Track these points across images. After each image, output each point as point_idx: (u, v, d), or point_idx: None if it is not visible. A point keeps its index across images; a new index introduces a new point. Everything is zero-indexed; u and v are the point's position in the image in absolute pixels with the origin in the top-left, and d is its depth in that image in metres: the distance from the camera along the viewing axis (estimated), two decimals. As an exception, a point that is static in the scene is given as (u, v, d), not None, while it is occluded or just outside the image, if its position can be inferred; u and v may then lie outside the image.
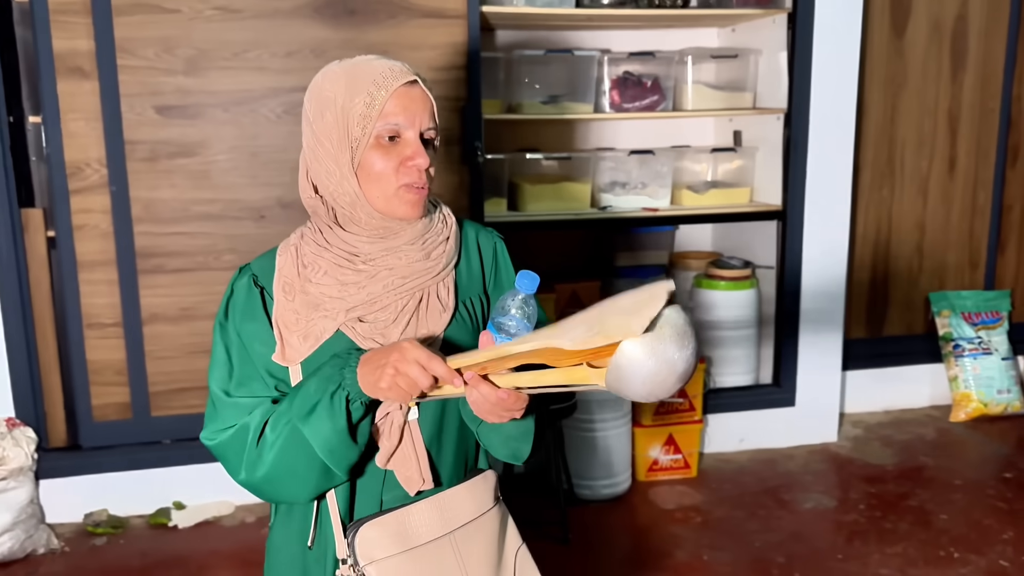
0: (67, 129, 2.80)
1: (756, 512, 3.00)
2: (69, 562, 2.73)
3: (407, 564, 1.15)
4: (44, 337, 2.94)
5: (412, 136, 1.15)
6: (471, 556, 1.20)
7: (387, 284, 1.17)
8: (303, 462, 1.11)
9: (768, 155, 3.50)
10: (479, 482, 1.25)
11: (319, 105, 1.16)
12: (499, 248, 1.32)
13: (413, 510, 1.18)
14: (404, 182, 1.15)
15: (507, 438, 1.18)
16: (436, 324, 1.19)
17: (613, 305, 0.95)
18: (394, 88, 1.14)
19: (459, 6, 2.95)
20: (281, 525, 1.26)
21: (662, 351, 0.91)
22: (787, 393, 3.53)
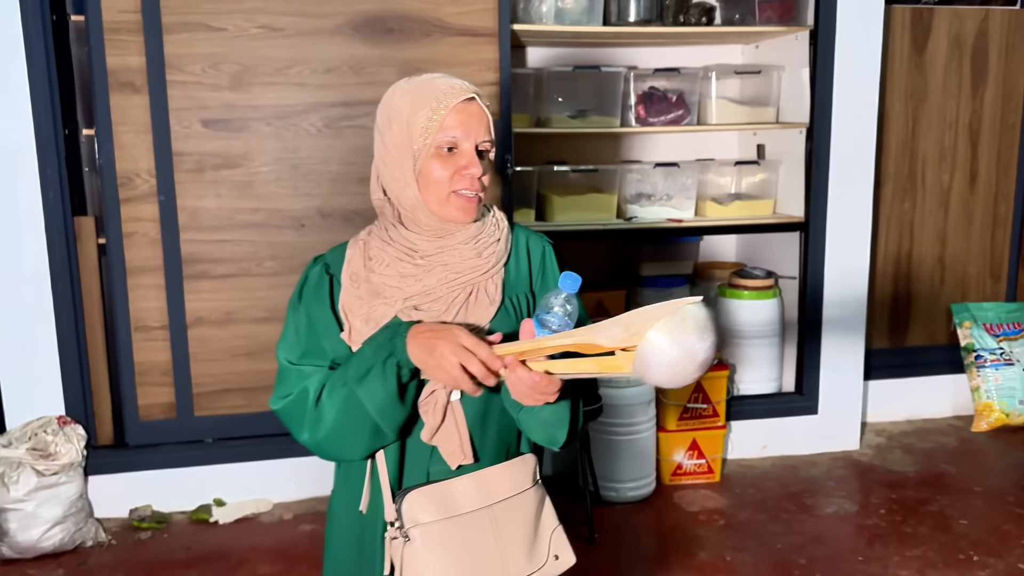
0: (119, 141, 2.94)
1: (778, 516, 3.07)
2: (116, 555, 2.85)
3: (448, 530, 1.26)
4: (94, 339, 3.08)
5: (468, 147, 1.27)
6: (507, 529, 1.30)
7: (441, 278, 1.29)
8: (357, 422, 1.23)
9: (791, 168, 3.59)
10: (518, 463, 1.35)
11: (388, 117, 1.29)
12: (547, 252, 1.43)
13: (455, 483, 1.29)
14: (457, 188, 1.27)
15: (543, 423, 1.28)
16: (483, 316, 1.30)
17: (647, 311, 1.05)
18: (453, 104, 1.26)
19: (491, 24, 3.08)
20: (339, 495, 1.39)
21: (684, 340, 1.00)
22: (809, 401, 3.60)
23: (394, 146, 1.28)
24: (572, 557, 1.37)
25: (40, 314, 2.98)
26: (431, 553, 1.25)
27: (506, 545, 1.30)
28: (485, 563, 1.28)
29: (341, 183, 3.08)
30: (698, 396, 3.30)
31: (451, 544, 1.26)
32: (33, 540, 2.76)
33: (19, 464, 2.77)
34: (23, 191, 2.92)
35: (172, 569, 2.75)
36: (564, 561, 1.36)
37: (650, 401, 3.18)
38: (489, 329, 1.29)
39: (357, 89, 3.04)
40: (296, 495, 3.20)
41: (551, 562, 1.34)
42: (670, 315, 1.02)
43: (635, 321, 1.05)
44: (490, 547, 1.28)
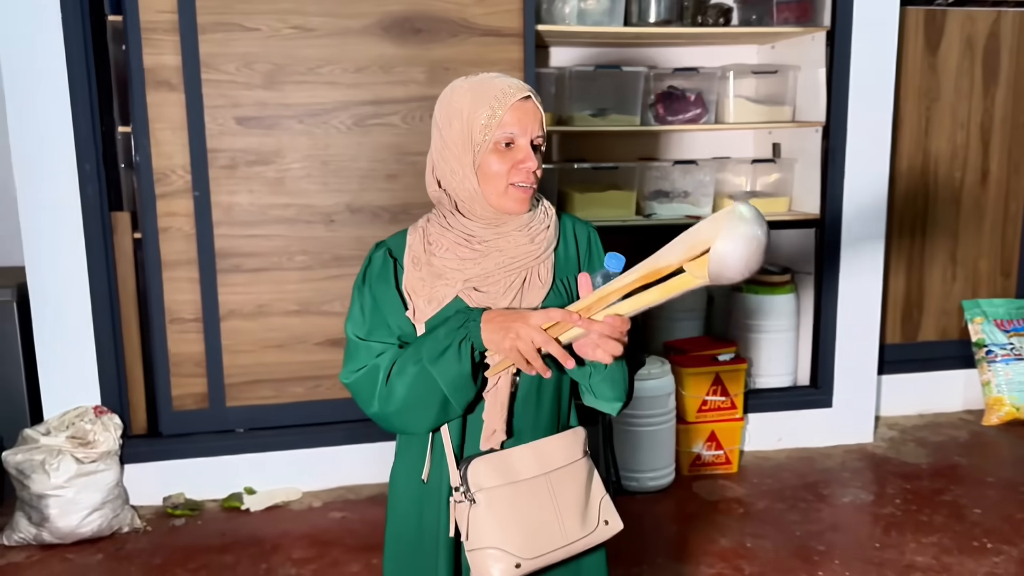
0: (155, 138, 3.02)
1: (796, 505, 3.14)
2: (152, 540, 2.93)
3: (509, 494, 1.35)
4: (129, 331, 3.16)
5: (524, 143, 1.36)
6: (563, 495, 1.39)
7: (498, 262, 1.38)
8: (428, 397, 1.32)
9: (806, 166, 3.66)
10: (570, 435, 1.45)
11: (448, 114, 1.38)
12: (592, 236, 1.53)
13: (515, 452, 1.38)
14: (514, 181, 1.36)
15: (611, 380, 1.37)
16: (536, 297, 1.39)
17: (694, 228, 1.14)
18: (511, 103, 1.34)
19: (516, 25, 3.15)
20: (401, 465, 1.48)
21: (750, 231, 1.09)
22: (825, 394, 3.67)
23: (453, 142, 1.36)
24: (620, 523, 1.46)
25: (78, 307, 3.06)
26: (494, 515, 1.34)
27: (562, 509, 1.38)
28: (544, 525, 1.36)
29: (370, 179, 3.16)
30: (717, 389, 3.38)
31: (513, 507, 1.35)
32: (73, 526, 2.84)
33: (59, 452, 2.85)
34: (62, 186, 2.99)
35: (209, 554, 2.83)
36: (613, 526, 1.45)
37: (670, 394, 3.26)
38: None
39: (386, 88, 3.12)
40: (324, 484, 3.28)
41: (602, 527, 1.44)
42: (726, 216, 1.10)
43: (690, 237, 1.14)
44: (548, 511, 1.37)
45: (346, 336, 1.42)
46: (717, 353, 3.43)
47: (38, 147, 2.96)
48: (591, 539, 1.41)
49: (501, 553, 1.32)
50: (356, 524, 3.02)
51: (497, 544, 1.33)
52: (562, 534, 1.37)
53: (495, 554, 1.32)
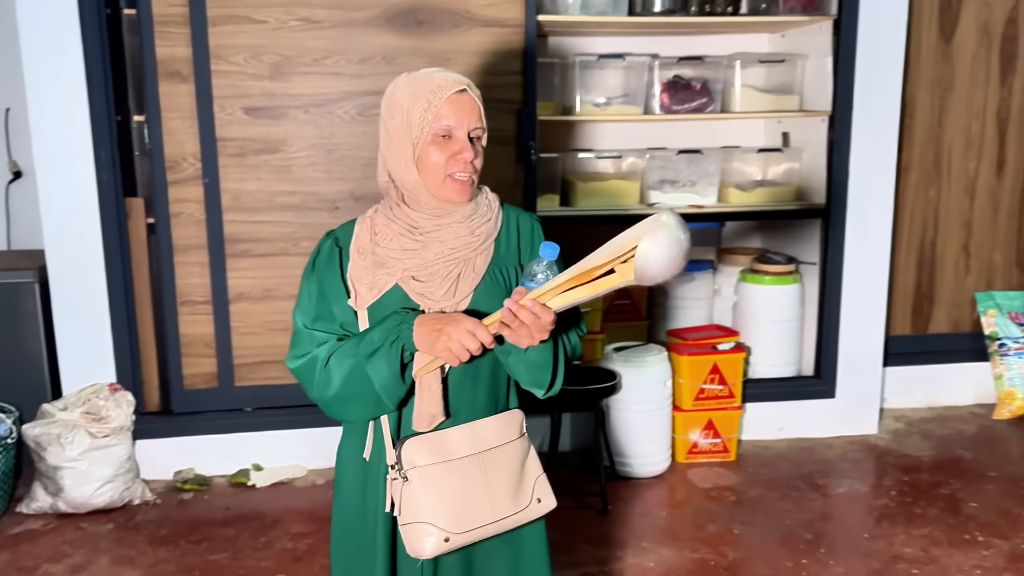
0: (167, 127, 3.14)
1: (789, 494, 3.16)
2: (161, 512, 3.07)
3: (441, 472, 1.42)
4: (143, 313, 3.30)
5: (461, 135, 1.42)
6: (495, 474, 1.46)
7: (438, 253, 1.44)
8: (362, 391, 1.41)
9: (815, 156, 3.65)
10: (506, 417, 1.51)
11: (390, 108, 1.45)
12: (535, 227, 1.58)
13: (450, 432, 1.45)
14: (452, 172, 1.42)
15: (530, 367, 1.43)
16: (468, 287, 1.45)
17: (626, 232, 1.22)
18: (446, 96, 1.40)
19: (517, 15, 3.20)
20: (346, 444, 1.55)
21: (672, 235, 1.18)
22: (827, 385, 3.67)
23: (396, 134, 1.43)
24: (553, 501, 1.52)
25: (94, 289, 3.20)
26: (426, 492, 1.41)
27: (493, 487, 1.45)
28: (475, 502, 1.43)
29: (373, 168, 3.15)
30: (715, 378, 3.40)
31: (444, 484, 1.42)
32: (86, 496, 2.99)
33: (74, 426, 3.00)
34: (80, 173, 3.13)
35: (212, 527, 2.95)
36: (546, 504, 1.51)
37: (666, 381, 3.30)
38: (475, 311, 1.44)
39: (389, 78, 3.04)
40: (329, 462, 3.32)
41: (534, 504, 1.50)
42: (652, 222, 1.18)
43: (618, 240, 1.23)
44: (479, 488, 1.44)
45: (293, 322, 1.49)
46: (718, 342, 3.45)
47: (57, 135, 3.10)
48: (522, 516, 1.48)
49: (432, 528, 1.40)
50: (355, 502, 3.12)
51: (427, 519, 1.40)
52: (492, 510, 1.43)
53: (426, 528, 1.40)
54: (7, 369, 3.23)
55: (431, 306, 1.43)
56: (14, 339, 3.24)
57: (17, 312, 3.23)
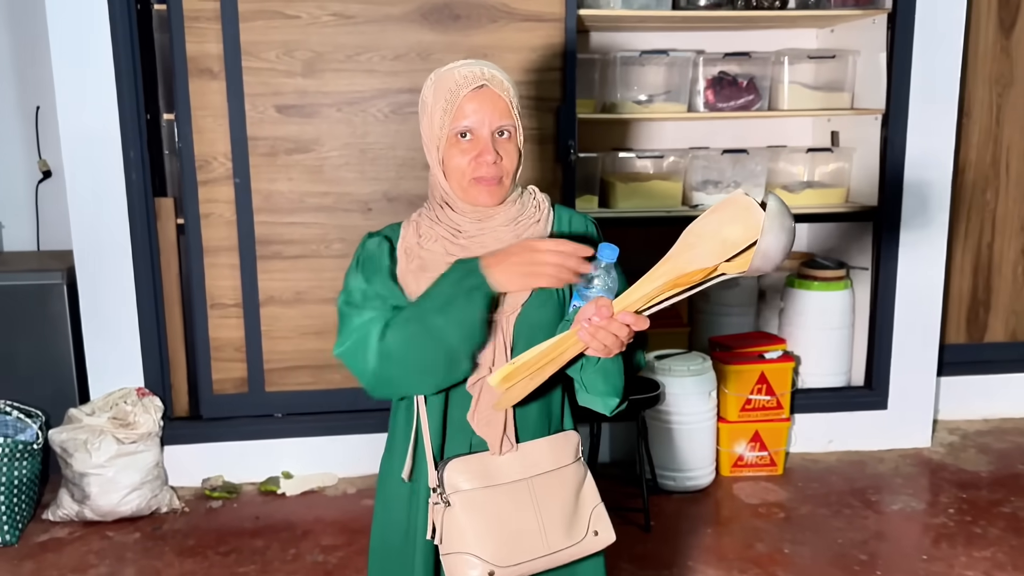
0: (197, 126, 3.06)
1: (841, 511, 3.01)
2: (188, 521, 2.99)
3: (486, 498, 1.30)
4: (172, 316, 3.22)
5: (483, 134, 1.31)
6: (546, 502, 1.33)
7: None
8: (432, 353, 1.26)
9: (866, 156, 3.49)
10: (561, 439, 1.39)
11: (421, 107, 1.37)
12: (590, 228, 1.46)
13: (497, 454, 1.33)
14: (476, 175, 1.32)
15: (607, 374, 1.30)
16: (518, 295, 1.33)
17: (705, 226, 1.17)
18: (465, 93, 1.30)
19: (557, 10, 3.08)
20: (388, 459, 1.45)
21: (788, 224, 1.14)
22: (879, 396, 3.51)
23: (424, 135, 1.36)
24: (612, 535, 1.39)
25: (122, 291, 3.13)
26: (470, 519, 1.30)
27: (545, 517, 1.33)
28: (524, 532, 1.31)
29: (407, 168, 3.14)
30: (762, 388, 3.26)
31: (490, 512, 1.30)
32: (113, 504, 2.92)
33: (101, 432, 2.93)
34: (108, 173, 3.06)
35: (241, 537, 2.87)
36: (604, 538, 1.38)
37: (711, 391, 3.16)
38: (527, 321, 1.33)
39: (424, 75, 2.95)
40: (360, 471, 3.29)
41: (590, 537, 1.37)
42: (755, 212, 1.12)
43: (707, 235, 1.16)
44: (529, 518, 1.32)
45: (338, 311, 1.35)
46: (764, 350, 3.31)
47: (86, 134, 3.03)
48: (577, 550, 1.35)
49: (475, 559, 1.28)
50: (387, 513, 3.02)
51: (471, 550, 1.29)
52: (543, 543, 1.32)
53: (469, 560, 1.28)
54: (34, 372, 3.17)
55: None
56: (42, 341, 3.18)
57: (45, 314, 3.17)
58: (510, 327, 1.32)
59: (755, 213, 1.13)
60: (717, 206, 1.17)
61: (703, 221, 1.17)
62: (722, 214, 1.16)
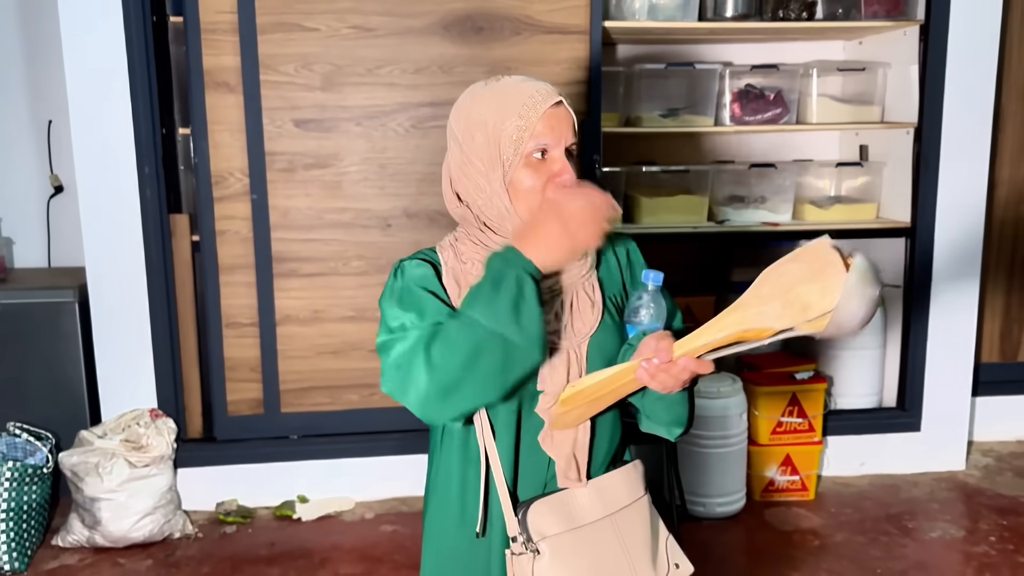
0: (213, 140, 2.99)
1: (878, 538, 2.90)
2: (202, 548, 2.89)
3: (575, 541, 1.20)
4: (187, 335, 3.14)
5: (559, 154, 1.22)
6: (631, 538, 1.25)
7: (544, 282, 1.20)
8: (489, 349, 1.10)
9: (896, 170, 3.40)
10: (631, 470, 1.31)
11: (468, 126, 1.23)
12: (631, 250, 1.40)
13: (575, 492, 1.24)
14: (551, 197, 1.21)
15: (671, 404, 1.23)
16: (589, 318, 1.25)
17: (781, 278, 1.08)
18: (543, 110, 1.20)
19: (582, 22, 3.00)
20: (437, 514, 1.30)
21: (870, 294, 1.04)
22: (912, 417, 3.40)
23: (478, 157, 1.22)
24: (690, 566, 1.33)
25: (136, 309, 3.05)
26: (561, 566, 1.20)
27: (632, 554, 1.25)
28: (616, 574, 1.23)
29: (427, 183, 3.05)
30: (793, 410, 3.15)
31: (582, 556, 1.21)
32: (124, 530, 2.82)
33: (113, 455, 2.84)
34: (122, 188, 2.99)
35: (256, 565, 2.77)
36: (684, 570, 1.32)
37: (742, 413, 3.06)
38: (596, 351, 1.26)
39: (445, 89, 3.01)
40: (378, 495, 3.19)
41: (673, 571, 1.30)
42: (842, 278, 1.03)
43: (784, 289, 1.07)
44: (619, 556, 1.24)
45: (378, 350, 1.22)
46: (795, 371, 3.21)
47: (100, 148, 2.96)
48: None
49: None
50: (407, 539, 2.92)
51: None
52: None
53: None
54: (45, 393, 3.09)
55: (552, 344, 1.21)
56: (53, 361, 3.10)
57: (56, 333, 3.09)
58: (583, 353, 1.24)
59: (837, 273, 1.03)
60: (798, 253, 1.09)
61: (780, 270, 1.08)
62: (801, 266, 1.06)
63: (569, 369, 1.23)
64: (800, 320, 1.05)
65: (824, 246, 1.06)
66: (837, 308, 1.02)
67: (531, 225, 1.15)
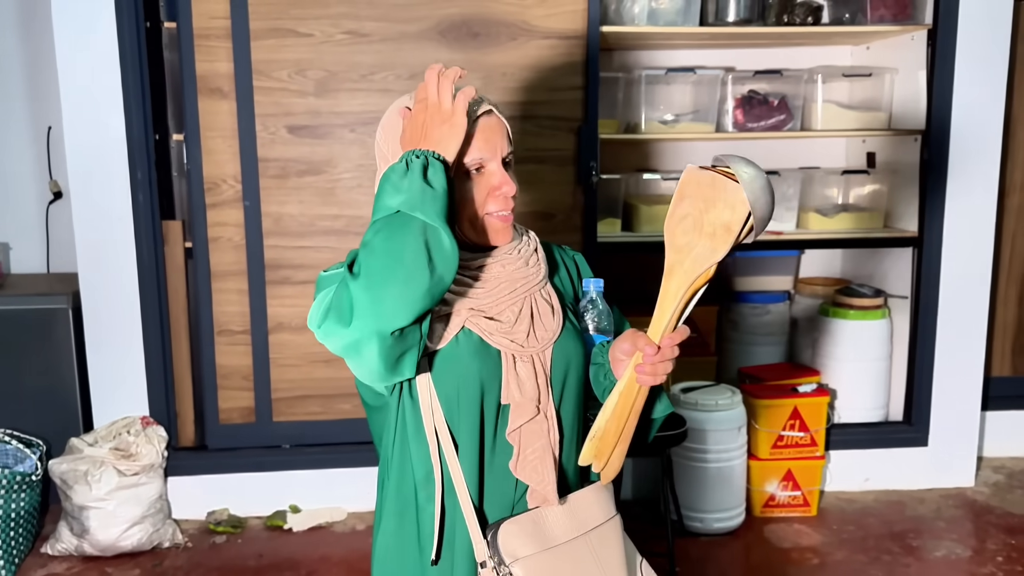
0: (206, 147, 2.96)
1: (880, 557, 2.82)
2: (191, 558, 2.87)
3: (550, 562, 1.16)
4: (179, 342, 3.12)
5: (496, 166, 1.19)
6: (607, 558, 1.21)
7: (500, 290, 1.21)
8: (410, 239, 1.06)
9: (904, 178, 3.32)
10: (601, 488, 1.26)
11: (395, 140, 1.20)
12: (579, 260, 1.39)
13: (545, 512, 1.20)
14: (492, 210, 1.19)
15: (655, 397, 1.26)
16: (551, 325, 1.23)
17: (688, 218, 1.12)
18: (473, 120, 1.16)
19: (579, 27, 2.95)
20: (391, 534, 1.24)
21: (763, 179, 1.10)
22: (919, 432, 3.31)
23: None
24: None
25: (128, 316, 3.03)
26: None
27: (608, 573, 1.20)
28: None
29: (422, 190, 3.01)
30: (795, 423, 3.08)
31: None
32: (112, 539, 2.80)
33: (102, 463, 2.82)
34: (115, 194, 2.97)
35: (243, 576, 2.74)
36: None
37: (741, 427, 2.99)
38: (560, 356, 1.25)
39: None
40: (370, 505, 3.13)
41: None
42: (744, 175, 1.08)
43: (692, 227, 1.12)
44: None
45: (315, 296, 1.16)
46: (797, 383, 3.14)
47: (92, 154, 2.95)
48: None
49: None
50: (397, 552, 2.87)
51: None
52: None
53: None
54: (38, 400, 3.07)
55: (516, 351, 1.19)
56: (46, 368, 3.08)
57: (50, 339, 3.08)
58: (547, 359, 1.21)
59: (725, 184, 1.08)
60: (680, 193, 1.13)
61: (678, 216, 1.12)
62: (692, 200, 1.11)
63: (537, 377, 1.20)
64: (731, 239, 1.09)
65: (694, 172, 1.11)
66: (753, 209, 1.06)
67: (408, 127, 1.15)
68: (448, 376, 1.18)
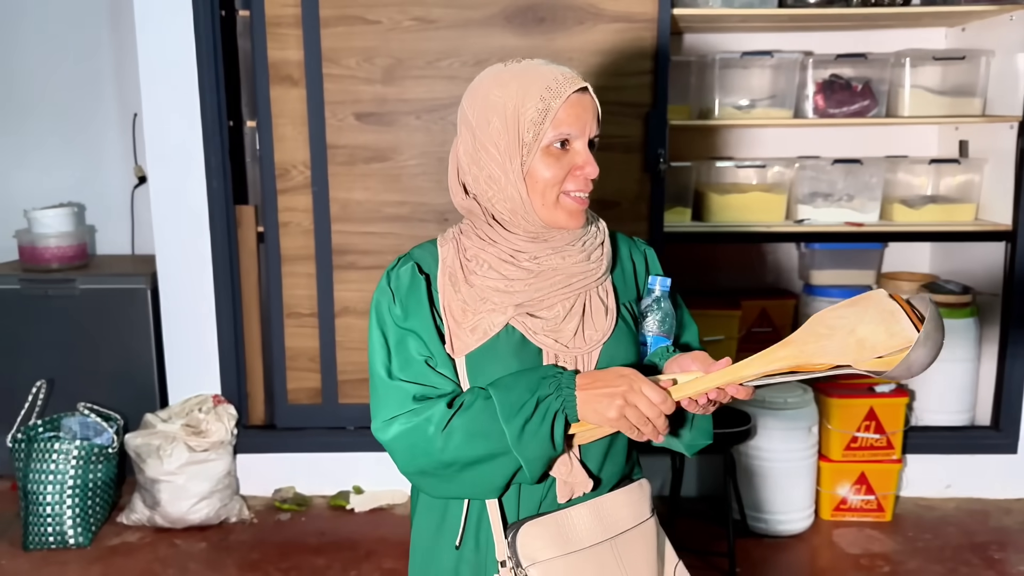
0: (277, 133, 3.02)
1: (957, 568, 2.67)
2: (256, 533, 2.95)
3: (570, 567, 1.13)
4: (251, 323, 3.20)
5: (581, 146, 1.14)
6: (634, 565, 1.16)
7: (553, 283, 1.16)
8: (495, 462, 1.10)
9: (999, 168, 3.11)
10: (635, 489, 1.22)
11: (485, 111, 1.14)
12: (649, 255, 1.32)
13: (572, 513, 1.16)
14: (569, 189, 1.15)
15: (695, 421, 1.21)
16: (602, 326, 1.18)
17: (838, 320, 1.08)
18: (567, 95, 1.12)
19: (649, 9, 2.87)
20: (424, 524, 1.25)
21: (941, 340, 1.05)
22: (1008, 438, 3.12)
23: (493, 143, 1.13)
24: None
25: (202, 298, 3.13)
26: None
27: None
28: None
29: (486, 177, 3.00)
30: (870, 424, 2.94)
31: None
32: (182, 512, 2.90)
33: (174, 439, 2.93)
34: (190, 180, 3.07)
35: (303, 554, 2.80)
36: None
37: (812, 426, 2.87)
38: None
39: None
40: (431, 491, 3.17)
41: None
42: (930, 324, 1.03)
43: (853, 339, 1.06)
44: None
45: (371, 378, 1.18)
46: (874, 382, 2.99)
47: (170, 140, 3.05)
48: None
49: None
50: (454, 538, 2.88)
51: None
52: None
53: None
54: (118, 376, 3.21)
55: (559, 351, 1.15)
56: (126, 346, 3.22)
57: (130, 319, 3.21)
58: (592, 362, 1.17)
59: (901, 321, 1.05)
60: (854, 301, 1.10)
61: (835, 313, 1.08)
62: (860, 311, 1.07)
63: None
64: (866, 357, 1.06)
65: (882, 296, 1.08)
66: (913, 350, 1.03)
67: (600, 381, 1.09)
68: (484, 374, 1.15)
